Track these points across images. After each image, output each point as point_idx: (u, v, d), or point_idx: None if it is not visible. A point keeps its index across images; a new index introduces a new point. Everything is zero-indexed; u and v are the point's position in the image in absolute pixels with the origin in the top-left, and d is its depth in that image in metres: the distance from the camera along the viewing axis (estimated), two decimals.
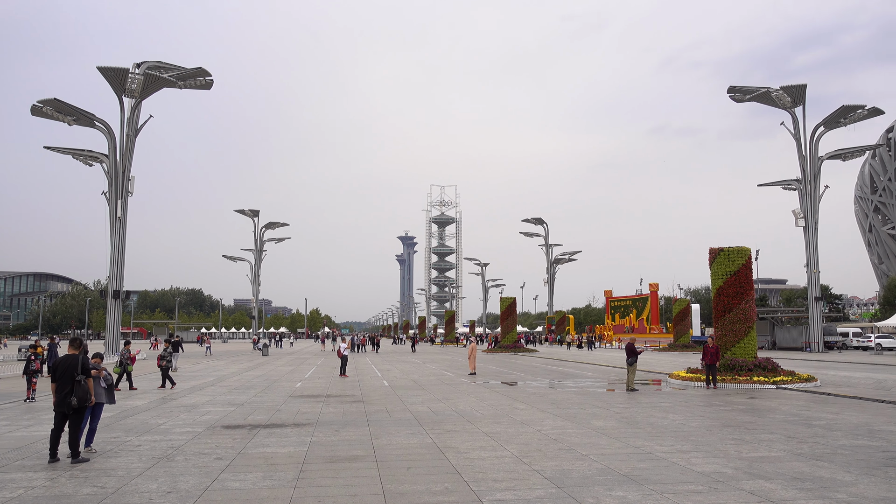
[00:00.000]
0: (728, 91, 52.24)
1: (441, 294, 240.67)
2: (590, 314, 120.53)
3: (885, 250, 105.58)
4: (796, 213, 53.00)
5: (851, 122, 51.47)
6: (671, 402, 17.49)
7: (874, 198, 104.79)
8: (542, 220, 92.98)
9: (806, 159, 52.10)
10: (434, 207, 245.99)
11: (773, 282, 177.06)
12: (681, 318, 57.92)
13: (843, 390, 19.90)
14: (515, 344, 57.70)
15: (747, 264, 23.21)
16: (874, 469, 8.90)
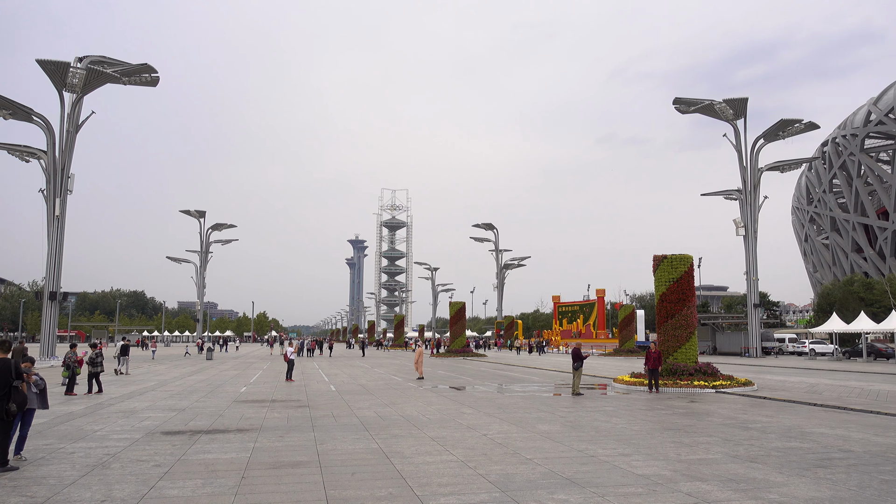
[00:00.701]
0: (674, 102, 53.65)
1: (391, 298, 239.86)
2: (538, 319, 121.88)
3: (820, 259, 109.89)
4: (737, 223, 54.71)
5: (789, 135, 53.46)
6: (615, 406, 17.82)
7: (810, 209, 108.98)
8: (493, 226, 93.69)
9: (747, 170, 53.86)
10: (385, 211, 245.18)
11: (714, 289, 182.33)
12: (626, 323, 59.07)
13: (778, 394, 20.61)
14: (464, 348, 57.89)
15: (689, 271, 23.83)
16: (805, 470, 9.24)
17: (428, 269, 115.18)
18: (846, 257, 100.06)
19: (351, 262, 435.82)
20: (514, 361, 46.55)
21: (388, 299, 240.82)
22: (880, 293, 65.00)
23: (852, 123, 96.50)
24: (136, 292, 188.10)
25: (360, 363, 44.39)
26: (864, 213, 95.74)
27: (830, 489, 8.11)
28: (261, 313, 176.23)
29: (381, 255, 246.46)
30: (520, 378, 29.60)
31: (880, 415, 15.64)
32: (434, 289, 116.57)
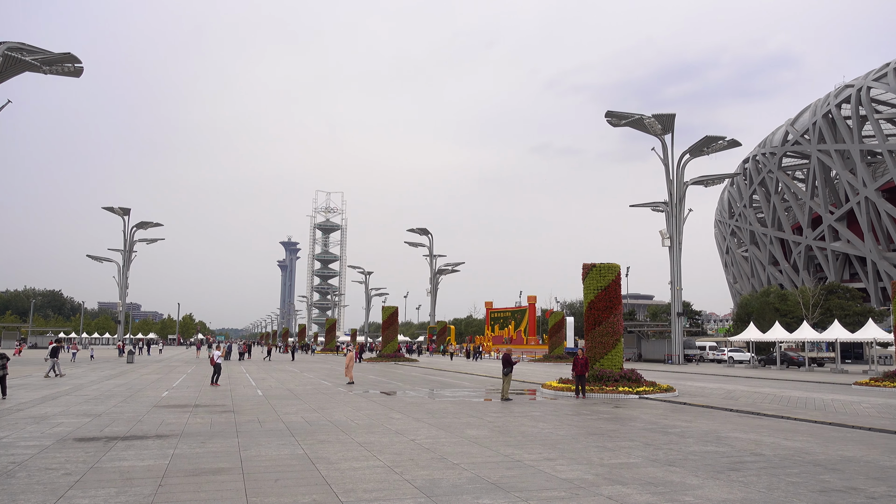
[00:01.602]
0: (606, 115, 55.08)
1: (323, 302, 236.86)
2: (471, 325, 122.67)
3: (739, 271, 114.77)
4: (663, 234, 56.55)
5: (713, 151, 55.68)
6: (542, 411, 18.09)
7: (731, 222, 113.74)
8: (427, 231, 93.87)
9: (673, 184, 55.78)
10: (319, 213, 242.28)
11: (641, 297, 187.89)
12: (556, 329, 60.14)
13: (697, 400, 21.37)
14: (396, 353, 57.70)
15: (617, 280, 24.47)
16: (719, 473, 9.60)
17: (362, 272, 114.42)
18: (764, 269, 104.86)
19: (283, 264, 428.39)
20: (446, 366, 46.69)
21: (320, 303, 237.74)
22: (794, 304, 68.37)
23: (771, 142, 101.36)
24: (52, 291, 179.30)
25: (289, 367, 43.62)
26: (780, 227, 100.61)
27: (742, 491, 8.45)
28: (187, 315, 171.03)
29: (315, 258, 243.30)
30: (451, 383, 29.70)
31: (790, 420, 16.42)
32: (367, 293, 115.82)
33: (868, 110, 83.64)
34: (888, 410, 18.98)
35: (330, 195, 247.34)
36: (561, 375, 29.62)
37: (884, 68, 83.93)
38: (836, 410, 18.75)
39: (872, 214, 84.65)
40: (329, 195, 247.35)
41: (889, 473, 9.72)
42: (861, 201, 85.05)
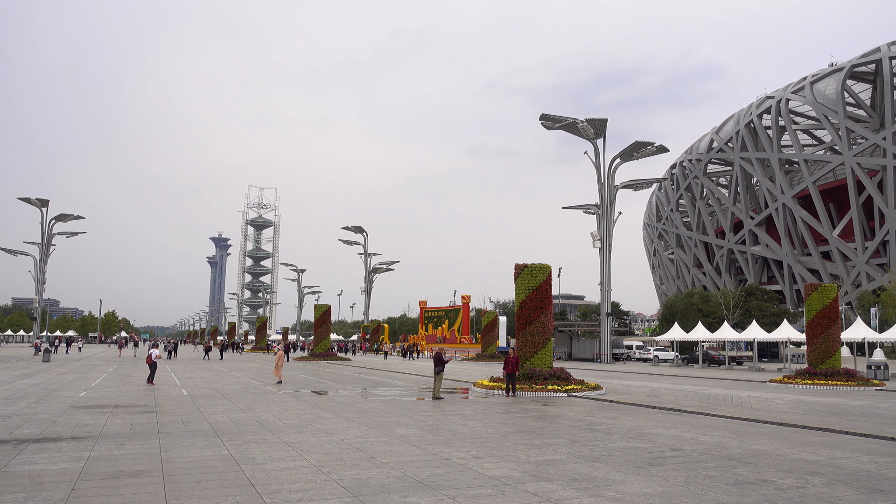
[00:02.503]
0: (540, 118, 55.93)
1: (254, 299, 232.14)
2: (405, 324, 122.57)
3: (666, 273, 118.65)
4: (594, 236, 57.88)
5: (643, 156, 57.33)
6: (473, 409, 18.24)
7: (659, 225, 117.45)
8: (362, 229, 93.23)
9: (604, 187, 57.15)
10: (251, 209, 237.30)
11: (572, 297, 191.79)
12: (489, 329, 60.72)
13: (623, 398, 21.97)
14: (329, 352, 57.09)
15: (548, 280, 24.89)
16: (640, 468, 9.90)
17: (294, 270, 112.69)
18: (688, 271, 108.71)
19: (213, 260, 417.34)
20: (380, 365, 46.48)
21: (251, 300, 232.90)
22: (715, 305, 71.17)
23: (697, 149, 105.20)
24: None
25: (216, 366, 42.54)
26: (704, 231, 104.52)
27: (661, 485, 8.73)
28: (109, 312, 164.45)
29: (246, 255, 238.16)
30: (383, 382, 29.59)
31: (709, 416, 17.08)
32: (300, 291, 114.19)
33: (787, 121, 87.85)
34: (799, 406, 19.99)
35: (263, 191, 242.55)
36: (493, 374, 29.92)
37: (801, 82, 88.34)
38: (752, 407, 19.61)
39: (789, 220, 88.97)
40: (262, 191, 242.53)
41: (797, 466, 10.23)
42: (779, 207, 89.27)
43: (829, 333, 31.24)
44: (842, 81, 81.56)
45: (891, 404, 21.30)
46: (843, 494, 8.38)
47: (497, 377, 25.15)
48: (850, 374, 30.07)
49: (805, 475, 9.53)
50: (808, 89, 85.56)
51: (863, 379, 29.78)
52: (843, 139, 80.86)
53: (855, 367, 34.62)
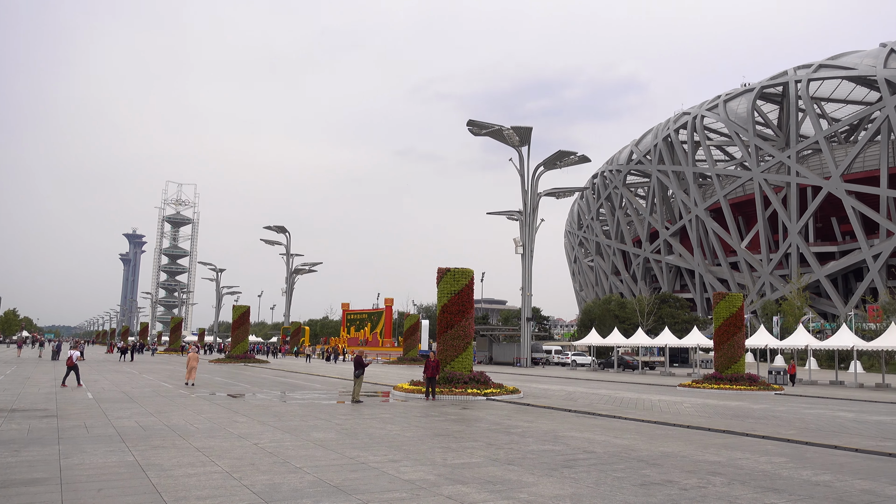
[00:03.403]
0: (467, 124, 56.45)
1: (170, 299, 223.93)
2: (326, 326, 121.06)
3: (585, 279, 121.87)
4: (516, 241, 58.83)
5: (565, 165, 58.72)
6: (391, 413, 18.17)
7: (580, 233, 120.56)
8: (285, 229, 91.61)
9: (527, 194, 58.20)
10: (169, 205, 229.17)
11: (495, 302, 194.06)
12: (411, 332, 60.72)
13: (540, 401, 22.39)
14: (246, 354, 55.70)
15: (470, 285, 25.11)
16: (553, 470, 10.11)
17: (213, 269, 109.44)
18: (607, 279, 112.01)
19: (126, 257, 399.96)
20: (300, 368, 45.69)
21: (166, 300, 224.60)
22: (631, 312, 73.63)
23: (618, 160, 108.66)
24: None
25: (126, 368, 40.80)
26: (622, 240, 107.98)
27: (572, 487, 8.94)
28: (10, 310, 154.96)
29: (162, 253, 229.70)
30: (302, 385, 29.11)
31: (621, 419, 17.62)
32: (218, 290, 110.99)
33: (701, 137, 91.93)
34: (704, 410, 20.90)
35: (182, 187, 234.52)
36: (413, 377, 29.93)
37: (715, 100, 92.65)
38: (662, 410, 20.37)
39: (701, 231, 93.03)
40: (181, 186, 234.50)
41: (700, 466, 10.69)
42: (692, 219, 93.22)
43: (735, 340, 32.82)
44: (752, 101, 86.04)
45: (788, 408, 22.57)
46: (741, 493, 8.80)
47: (417, 381, 25.15)
48: (752, 378, 31.68)
49: (707, 475, 9.97)
50: (722, 107, 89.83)
51: (764, 384, 31.43)
52: (753, 156, 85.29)
53: (758, 373, 36.49)
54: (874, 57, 78.31)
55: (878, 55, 77.97)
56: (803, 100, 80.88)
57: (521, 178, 58.24)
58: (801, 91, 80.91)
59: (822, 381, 39.95)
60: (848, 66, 79.66)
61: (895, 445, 13.52)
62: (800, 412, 20.92)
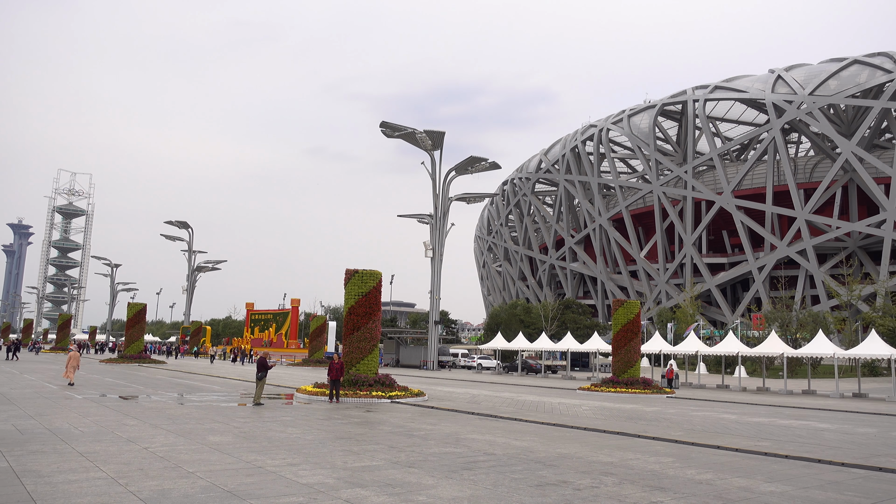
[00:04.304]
0: (380, 125, 56.24)
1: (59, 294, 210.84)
2: (229, 326, 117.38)
3: (493, 284, 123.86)
4: (426, 245, 59.09)
5: (477, 171, 59.54)
6: (293, 416, 17.82)
7: (489, 238, 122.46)
8: (188, 224, 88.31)
9: (439, 198, 58.60)
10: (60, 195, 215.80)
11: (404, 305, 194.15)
12: (317, 333, 59.83)
13: (444, 404, 22.55)
14: (142, 354, 53.19)
15: (378, 287, 25.00)
16: (453, 472, 10.19)
17: (108, 264, 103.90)
18: (514, 284, 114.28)
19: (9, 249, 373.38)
20: (199, 369, 44.06)
21: (55, 296, 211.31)
22: (536, 317, 75.43)
23: (527, 168, 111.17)
24: None
25: (6, 368, 38.06)
26: (530, 246, 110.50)
27: (471, 489, 9.05)
28: None
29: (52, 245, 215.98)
30: (201, 387, 28.08)
31: (522, 421, 18.00)
32: (113, 287, 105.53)
33: (606, 149, 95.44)
34: (601, 412, 21.67)
35: (75, 176, 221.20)
36: (318, 380, 29.47)
37: (620, 114, 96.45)
38: (561, 413, 20.97)
39: (604, 240, 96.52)
40: (74, 176, 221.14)
41: (594, 467, 11.07)
42: (596, 228, 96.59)
43: (632, 345, 34.24)
44: (654, 117, 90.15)
45: (678, 410, 23.73)
46: (630, 493, 9.18)
47: (322, 383, 24.80)
48: (646, 382, 33.13)
49: (600, 475, 10.33)
50: (626, 122, 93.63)
51: (657, 387, 32.95)
52: (653, 170, 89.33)
53: (652, 377, 38.18)
54: (763, 81, 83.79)
55: (766, 80, 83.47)
56: (700, 118, 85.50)
57: (433, 181, 58.57)
58: (699, 110, 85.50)
59: (710, 385, 42.26)
60: (740, 88, 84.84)
61: (770, 445, 14.48)
62: (688, 414, 22.05)
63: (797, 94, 77.80)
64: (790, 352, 38.88)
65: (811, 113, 76.37)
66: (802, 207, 76.76)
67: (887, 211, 71.71)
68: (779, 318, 61.78)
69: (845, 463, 12.29)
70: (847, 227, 75.16)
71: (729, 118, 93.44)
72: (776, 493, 9.49)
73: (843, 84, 77.11)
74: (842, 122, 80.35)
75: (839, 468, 11.86)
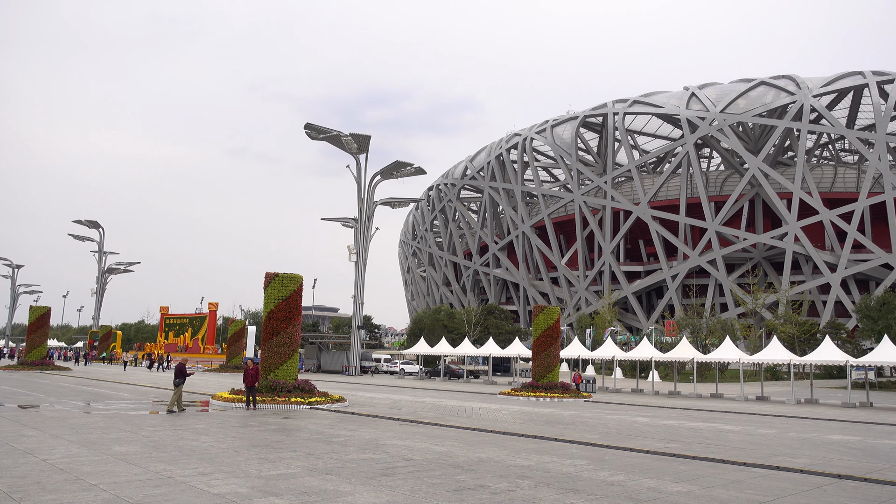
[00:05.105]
0: (305, 127, 55.38)
1: None
2: (142, 330, 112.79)
3: (417, 289, 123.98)
4: (350, 249, 58.56)
5: (402, 175, 59.48)
6: (207, 423, 17.26)
7: (414, 243, 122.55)
8: (98, 224, 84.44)
9: (364, 202, 58.21)
10: None
11: (327, 309, 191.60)
12: (236, 339, 58.27)
13: (365, 409, 22.37)
14: (44, 360, 50.35)
15: (298, 291, 24.57)
16: (371, 479, 10.10)
17: (8, 265, 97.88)
18: (438, 289, 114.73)
19: None
20: (107, 377, 42.11)
21: None
22: (459, 322, 75.94)
23: (453, 175, 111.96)
24: None
25: None
26: (454, 252, 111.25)
27: (388, 495, 8.99)
28: None
29: None
30: (109, 395, 26.83)
31: (442, 426, 18.06)
32: (14, 289, 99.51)
33: (530, 158, 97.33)
34: (521, 416, 22.01)
35: None
36: (235, 386, 28.68)
37: (544, 124, 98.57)
38: (482, 417, 21.15)
39: (527, 247, 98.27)
40: None
41: (511, 471, 11.21)
42: (519, 235, 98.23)
43: (551, 351, 34.95)
44: (576, 129, 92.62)
45: (594, 413, 24.37)
46: (545, 495, 9.34)
47: (239, 389, 24.14)
48: (565, 387, 33.89)
49: (517, 479, 10.47)
50: (550, 132, 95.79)
51: (575, 392, 33.74)
52: (574, 179, 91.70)
53: (570, 381, 39.10)
54: (679, 98, 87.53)
55: (682, 97, 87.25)
56: (619, 131, 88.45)
57: (358, 185, 58.13)
58: (618, 123, 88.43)
59: (625, 389, 43.64)
60: (657, 104, 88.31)
61: (679, 447, 15.06)
62: (604, 418, 22.67)
63: (709, 112, 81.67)
64: (700, 357, 40.63)
65: (722, 129, 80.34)
66: (713, 219, 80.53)
67: (789, 224, 76.15)
68: (690, 325, 64.55)
69: (746, 463, 12.92)
70: (753, 238, 79.34)
71: (646, 132, 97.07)
72: (682, 492, 9.87)
73: (751, 103, 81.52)
74: (749, 140, 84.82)
75: (741, 468, 12.45)
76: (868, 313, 52.79)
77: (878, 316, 51.17)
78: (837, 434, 19.41)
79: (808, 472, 12.02)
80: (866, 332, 53.03)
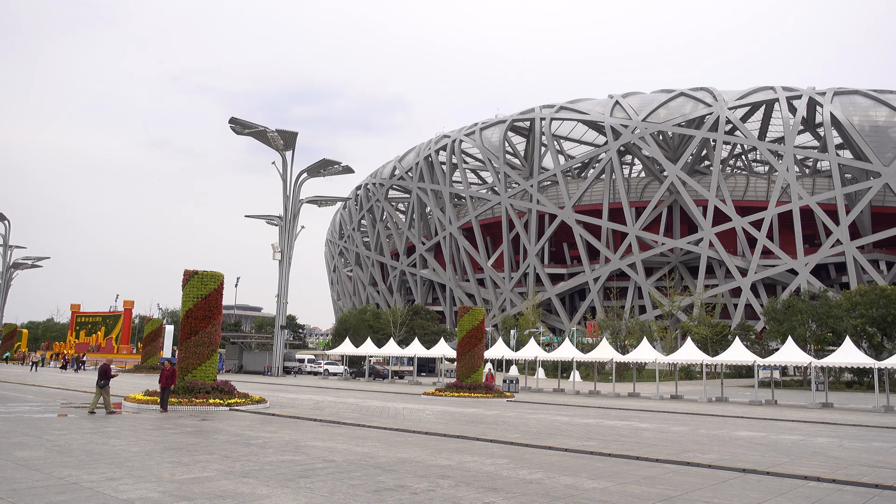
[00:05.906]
0: (230, 122, 54.00)
1: None
2: (51, 329, 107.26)
3: (344, 289, 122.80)
4: (274, 247, 57.44)
5: (329, 174, 58.80)
6: (119, 426, 16.57)
7: (341, 243, 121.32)
8: (4, 217, 79.79)
9: (289, 199, 57.22)
10: None
11: (250, 308, 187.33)
12: (152, 338, 56.17)
13: (286, 411, 21.97)
14: None
15: (219, 289, 23.91)
16: (290, 481, 9.93)
17: None
18: (364, 289, 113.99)
19: None
20: (10, 378, 39.81)
21: None
22: (385, 322, 75.73)
23: (381, 174, 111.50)
24: None
25: None
26: (382, 252, 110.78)
27: (307, 497, 8.86)
28: None
29: None
30: (10, 397, 25.37)
31: (365, 427, 17.94)
32: None
33: (458, 160, 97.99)
34: (444, 416, 22.12)
35: None
36: (150, 387, 27.62)
37: (473, 127, 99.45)
38: (405, 418, 21.14)
39: (454, 248, 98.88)
40: None
41: (432, 471, 11.24)
42: (447, 236, 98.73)
43: (475, 351, 35.29)
44: (504, 132, 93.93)
45: (516, 413, 24.75)
46: (465, 494, 9.41)
47: (153, 390, 23.25)
48: (489, 387, 34.27)
49: (437, 479, 10.51)
50: (478, 134, 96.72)
51: (499, 392, 34.18)
52: (502, 182, 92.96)
53: (494, 382, 39.55)
54: (603, 105, 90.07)
55: (606, 104, 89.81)
56: (546, 136, 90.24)
57: (284, 182, 57.12)
58: (545, 128, 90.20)
59: (547, 389, 44.52)
60: (583, 110, 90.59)
61: (596, 444, 15.49)
62: (525, 417, 23.06)
63: (632, 120, 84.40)
64: (619, 357, 41.92)
65: (643, 137, 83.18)
66: (633, 224, 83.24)
67: (704, 230, 79.58)
68: (610, 326, 66.48)
69: (659, 459, 13.41)
70: (671, 243, 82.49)
71: (572, 137, 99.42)
72: (598, 489, 10.15)
73: (671, 113, 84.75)
74: (669, 148, 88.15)
75: (654, 464, 12.92)
76: (775, 316, 55.74)
77: (783, 318, 54.09)
78: (744, 430, 20.40)
79: (715, 467, 12.58)
80: (773, 334, 55.97)
